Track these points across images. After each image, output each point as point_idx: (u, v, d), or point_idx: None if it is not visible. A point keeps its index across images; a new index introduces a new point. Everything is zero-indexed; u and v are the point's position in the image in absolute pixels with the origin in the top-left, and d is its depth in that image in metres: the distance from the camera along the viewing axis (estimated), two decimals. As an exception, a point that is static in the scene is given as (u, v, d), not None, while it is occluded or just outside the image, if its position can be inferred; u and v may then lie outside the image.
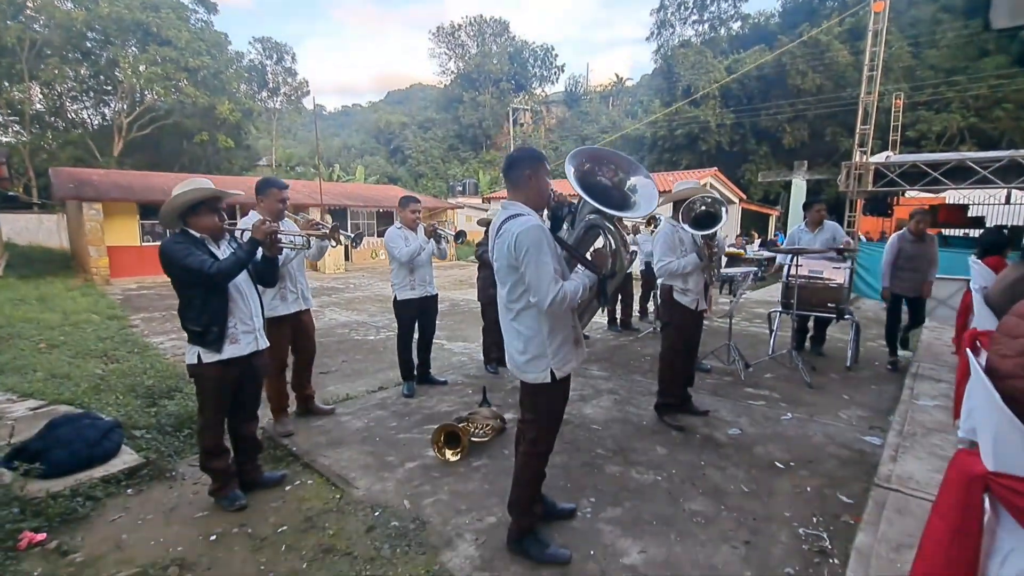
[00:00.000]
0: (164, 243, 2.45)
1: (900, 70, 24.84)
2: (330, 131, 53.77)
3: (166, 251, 2.42)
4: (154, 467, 3.08)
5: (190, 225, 2.55)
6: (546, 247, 1.97)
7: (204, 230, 2.56)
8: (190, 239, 2.51)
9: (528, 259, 1.95)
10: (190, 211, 2.53)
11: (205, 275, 2.40)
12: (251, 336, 2.66)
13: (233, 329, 2.58)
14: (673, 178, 17.12)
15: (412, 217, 4.30)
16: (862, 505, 2.59)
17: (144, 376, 4.91)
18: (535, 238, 1.95)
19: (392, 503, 2.67)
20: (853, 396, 4.34)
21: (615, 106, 47.53)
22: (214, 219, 2.56)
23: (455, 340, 6.68)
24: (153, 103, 25.00)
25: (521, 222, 2.00)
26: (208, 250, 2.53)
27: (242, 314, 2.62)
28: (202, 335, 2.50)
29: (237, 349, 2.59)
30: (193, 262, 2.39)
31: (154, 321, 8.10)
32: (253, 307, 2.70)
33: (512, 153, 2.18)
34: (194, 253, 2.42)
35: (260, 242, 2.61)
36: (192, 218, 2.54)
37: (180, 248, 2.42)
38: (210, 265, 2.41)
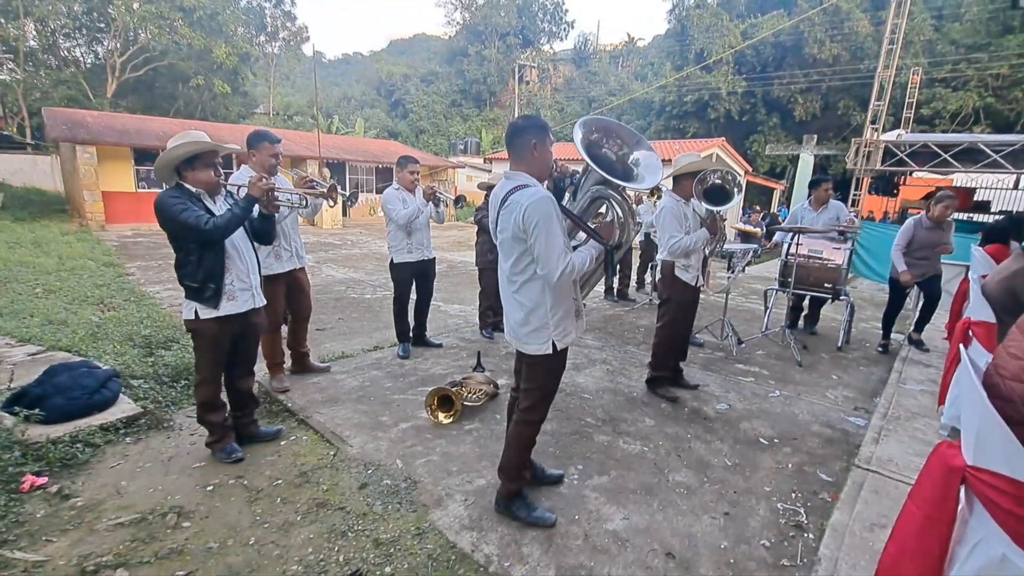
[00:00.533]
0: (159, 197, 2.41)
1: (920, 44, 24.06)
2: (330, 80, 52.23)
3: (161, 205, 2.39)
4: (152, 417, 3.14)
5: (186, 179, 2.50)
6: (555, 219, 1.96)
7: (200, 184, 2.51)
8: (186, 193, 2.47)
9: (538, 231, 1.93)
10: (186, 165, 2.48)
11: (201, 231, 2.37)
12: (248, 294, 2.67)
13: (230, 286, 2.58)
14: (679, 147, 16.83)
15: (410, 178, 4.23)
16: (841, 484, 2.67)
17: (141, 325, 4.94)
18: (546, 211, 1.93)
19: (385, 462, 2.74)
20: (842, 377, 4.41)
21: (625, 67, 46.15)
22: (210, 173, 2.52)
23: (451, 302, 6.71)
24: (147, 43, 24.15)
25: (529, 194, 1.97)
26: (204, 206, 2.50)
27: (239, 271, 2.62)
28: (199, 291, 2.50)
29: (234, 306, 2.60)
30: (189, 217, 2.36)
31: (150, 270, 8.08)
32: (250, 264, 2.69)
33: (516, 121, 2.12)
34: (190, 208, 2.39)
35: (257, 199, 2.58)
36: (188, 172, 2.49)
37: (176, 203, 2.38)
38: (206, 221, 2.38)
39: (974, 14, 24.77)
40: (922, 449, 2.87)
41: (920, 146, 11.87)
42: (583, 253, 2.06)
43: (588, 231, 2.13)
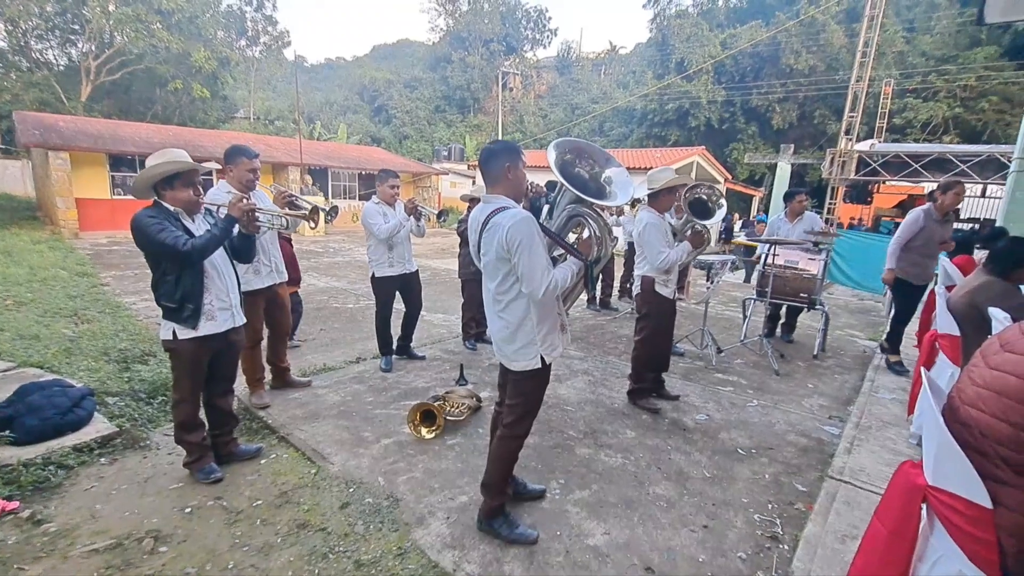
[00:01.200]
0: (136, 216, 2.38)
1: (892, 55, 24.80)
2: (311, 85, 51.80)
3: (138, 225, 2.36)
4: (128, 436, 3.08)
5: (164, 197, 2.48)
6: (537, 238, 2.02)
7: (178, 203, 2.49)
8: (163, 212, 2.44)
9: (521, 251, 1.99)
10: (165, 183, 2.46)
11: (179, 253, 2.35)
12: (228, 313, 2.64)
13: (209, 306, 2.55)
14: (660, 154, 17.07)
15: (391, 192, 4.22)
16: (815, 494, 2.74)
17: (116, 339, 4.85)
18: (527, 230, 2.00)
19: (367, 480, 2.74)
20: (817, 385, 4.51)
21: (607, 75, 46.66)
22: (189, 193, 2.49)
23: (435, 311, 6.70)
24: (123, 46, 23.73)
25: (510, 215, 2.03)
26: (182, 225, 2.47)
27: (218, 290, 2.59)
28: (177, 311, 2.47)
29: (214, 326, 2.58)
30: (167, 238, 2.34)
31: (126, 280, 7.92)
32: (229, 283, 2.67)
33: (489, 146, 2.20)
34: (168, 228, 2.36)
35: (237, 220, 2.55)
36: (167, 191, 2.47)
37: (153, 222, 2.35)
38: (184, 242, 2.36)
39: (943, 27, 25.65)
40: (892, 459, 2.95)
41: (892, 156, 12.24)
42: (564, 269, 2.11)
43: (567, 247, 2.19)
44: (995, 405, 1.26)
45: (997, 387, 1.28)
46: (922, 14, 26.72)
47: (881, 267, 4.83)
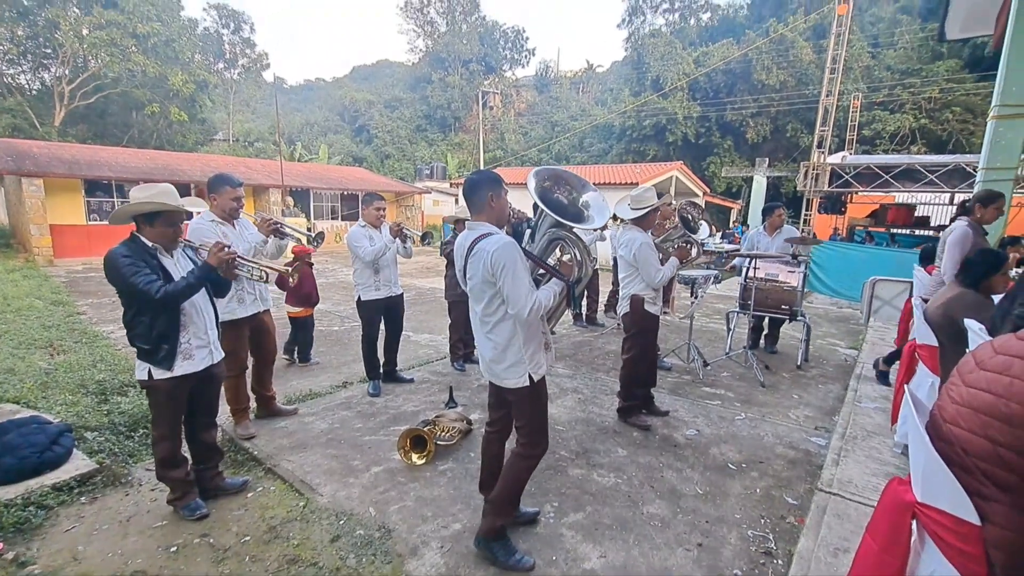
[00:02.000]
0: (111, 254, 2.31)
1: (859, 69, 25.71)
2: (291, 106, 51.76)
3: (112, 263, 2.29)
4: (108, 472, 2.99)
5: (143, 232, 2.42)
6: (520, 262, 2.11)
7: (157, 240, 2.43)
8: (139, 249, 2.37)
9: (505, 274, 2.08)
10: (146, 219, 2.41)
11: (151, 300, 2.28)
12: (206, 350, 2.58)
13: (187, 344, 2.49)
14: (640, 169, 17.34)
15: (376, 215, 4.23)
16: (806, 507, 2.76)
17: (94, 370, 4.73)
18: (511, 254, 2.09)
19: (357, 510, 2.69)
20: (802, 396, 4.58)
21: (585, 93, 47.51)
22: (170, 232, 2.45)
23: (421, 332, 6.67)
24: (98, 70, 23.51)
25: (494, 240, 2.13)
26: (158, 262, 2.40)
27: (197, 328, 2.53)
28: (151, 353, 2.40)
29: (191, 365, 2.51)
30: (139, 282, 2.26)
31: (103, 307, 7.75)
32: (208, 320, 2.60)
33: (471, 176, 2.29)
34: (141, 271, 2.29)
35: (214, 268, 2.48)
36: (147, 226, 2.41)
37: (127, 263, 2.28)
38: (158, 289, 2.28)
39: (906, 42, 26.72)
40: (878, 469, 3.00)
41: (864, 167, 12.62)
42: (547, 290, 2.18)
43: (549, 269, 2.27)
44: (973, 422, 1.30)
45: (974, 404, 1.31)
46: (885, 30, 27.83)
47: (858, 275, 4.96)
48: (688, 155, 27.11)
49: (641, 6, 39.21)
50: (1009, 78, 4.95)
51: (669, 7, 38.98)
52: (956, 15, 6.22)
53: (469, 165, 36.86)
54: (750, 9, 35.96)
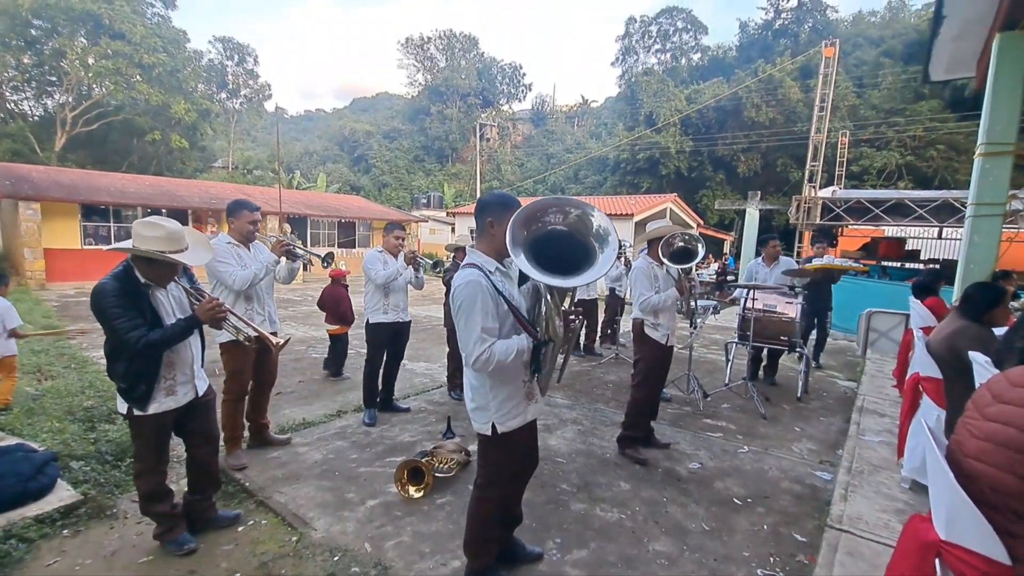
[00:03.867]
0: (98, 287, 2.21)
1: (845, 108, 26.50)
2: (291, 135, 52.55)
3: (97, 300, 2.19)
4: (93, 504, 2.87)
5: (138, 267, 2.31)
6: (478, 305, 1.88)
7: (149, 278, 2.33)
8: (129, 286, 2.26)
9: (459, 315, 1.91)
10: (143, 260, 2.30)
11: (131, 348, 2.19)
12: (189, 385, 2.48)
13: (171, 381, 2.39)
14: (635, 201, 17.58)
15: (395, 243, 4.33)
16: (816, 544, 2.68)
17: (82, 396, 4.62)
18: (468, 294, 1.89)
19: (352, 546, 2.58)
20: (804, 428, 4.52)
21: (580, 126, 48.60)
22: (168, 275, 2.36)
23: (417, 360, 6.59)
24: (102, 98, 23.82)
25: (463, 275, 1.95)
26: (147, 300, 2.30)
27: (183, 364, 2.44)
28: (128, 391, 2.31)
29: (173, 401, 2.42)
30: (121, 327, 2.17)
31: (94, 333, 7.60)
32: (195, 353, 2.51)
33: (482, 197, 2.10)
34: (127, 314, 2.19)
35: (202, 321, 2.38)
36: (142, 266, 2.31)
37: (112, 303, 2.18)
38: (137, 339, 2.18)
39: (890, 83, 27.66)
40: (888, 505, 2.93)
41: (854, 202, 12.85)
42: (509, 342, 1.91)
43: (521, 321, 1.98)
44: (999, 458, 1.27)
45: (998, 439, 1.28)
46: (869, 71, 28.85)
47: (853, 307, 5.01)
48: (681, 188, 27.57)
49: (634, 46, 40.56)
50: (993, 117, 5.09)
51: (661, 47, 40.34)
52: (939, 58, 6.44)
53: (466, 195, 37.29)
54: (738, 51, 37.27)
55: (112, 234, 14.24)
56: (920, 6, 32.08)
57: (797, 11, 35.02)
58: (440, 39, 48.43)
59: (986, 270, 5.05)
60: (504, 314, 1.96)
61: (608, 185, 32.61)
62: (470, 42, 48.76)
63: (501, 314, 1.95)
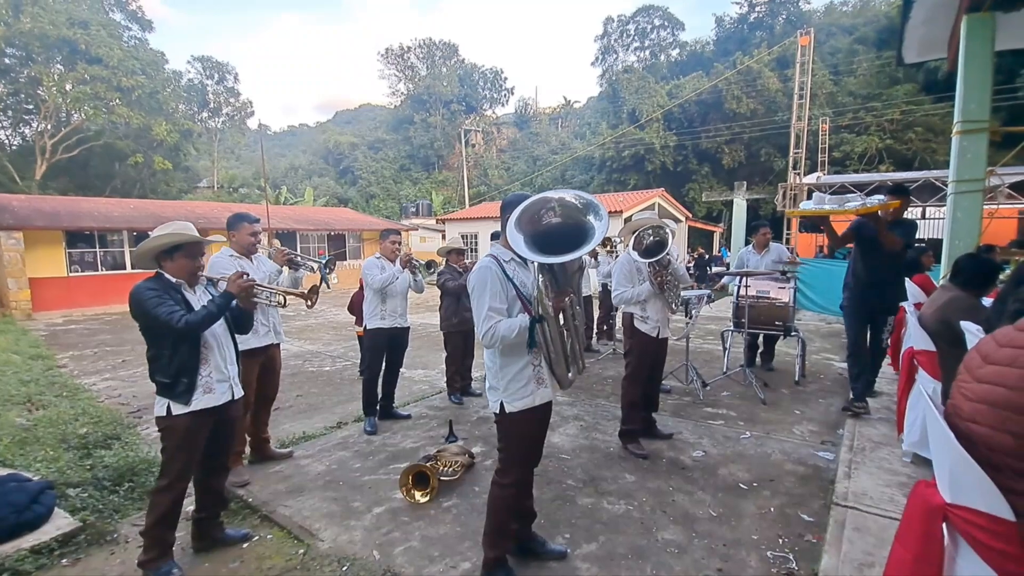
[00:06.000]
0: (135, 288, 2.34)
1: (824, 96, 26.81)
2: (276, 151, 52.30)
3: (136, 297, 2.31)
4: (92, 531, 2.82)
5: (166, 268, 2.45)
6: (488, 286, 2.09)
7: (180, 275, 2.46)
8: (163, 284, 2.40)
9: (473, 296, 2.14)
10: (166, 254, 2.43)
11: (173, 329, 2.29)
12: (226, 384, 2.54)
13: (208, 378, 2.46)
14: (623, 198, 17.65)
15: (391, 248, 4.35)
16: (823, 523, 2.70)
17: (76, 423, 4.54)
18: (480, 278, 2.13)
19: (360, 554, 2.56)
20: (804, 411, 4.55)
21: (564, 127, 48.81)
22: (190, 264, 2.48)
23: (415, 367, 6.56)
24: (82, 124, 23.60)
25: (479, 263, 2.19)
26: (182, 296, 2.43)
27: (217, 363, 2.50)
28: (170, 387, 2.37)
29: (212, 399, 2.46)
30: (162, 312, 2.28)
31: (84, 359, 7.52)
32: (228, 355, 2.58)
33: (506, 198, 2.25)
34: (165, 302, 2.31)
35: (235, 296, 2.51)
36: (168, 262, 2.44)
37: (151, 295, 2.30)
38: (179, 318, 2.29)
39: (865, 69, 28.05)
40: (891, 479, 2.95)
41: (839, 186, 13.00)
42: (511, 321, 2.08)
43: (522, 300, 2.14)
44: (992, 417, 1.28)
45: (989, 399, 1.30)
46: (844, 59, 29.23)
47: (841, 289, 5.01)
48: (668, 182, 27.74)
49: (613, 45, 40.85)
50: (966, 96, 5.17)
51: (640, 45, 40.65)
52: (911, 41, 6.55)
53: (454, 202, 37.29)
54: (716, 45, 37.66)
55: (98, 260, 14.07)
56: (890, -8, 32.62)
57: (771, 3, 35.48)
58: (420, 48, 48.50)
59: (970, 245, 5.11)
60: (513, 298, 2.14)
61: (595, 184, 32.75)
62: (450, 49, 48.88)
63: (510, 298, 2.14)
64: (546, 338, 2.09)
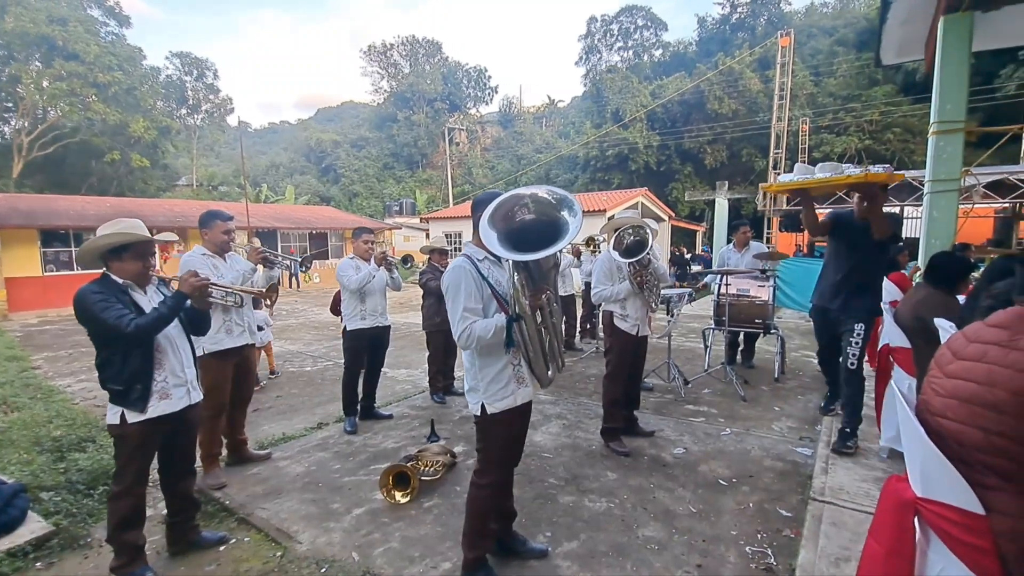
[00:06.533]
0: (80, 291, 2.20)
1: (804, 97, 27.22)
2: (256, 149, 51.58)
3: (81, 301, 2.18)
4: (66, 535, 2.75)
5: (112, 269, 2.31)
6: (462, 287, 2.06)
7: (127, 276, 2.32)
8: (110, 286, 2.27)
9: (447, 297, 2.11)
10: (113, 254, 2.30)
11: (122, 334, 2.16)
12: (183, 389, 2.43)
13: (163, 383, 2.34)
14: (607, 197, 17.73)
15: (364, 247, 4.27)
16: (801, 518, 2.73)
17: (50, 426, 4.42)
18: (453, 278, 2.10)
19: (339, 556, 2.53)
20: (783, 407, 4.61)
21: (548, 126, 48.84)
22: (139, 265, 2.34)
23: (398, 367, 6.51)
24: (57, 120, 23.03)
25: (453, 263, 2.15)
26: (130, 299, 2.29)
27: (172, 366, 2.39)
28: (124, 394, 2.25)
29: (168, 405, 2.35)
30: (109, 317, 2.15)
31: (59, 361, 7.34)
32: (185, 358, 2.47)
33: (477, 195, 2.24)
34: (112, 306, 2.18)
35: (188, 296, 2.38)
36: (115, 262, 2.31)
37: (97, 299, 2.17)
38: (128, 322, 2.16)
39: (844, 70, 28.54)
40: (867, 475, 3.00)
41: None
42: (488, 321, 2.05)
43: (499, 299, 2.12)
44: (962, 412, 1.30)
45: (959, 394, 1.32)
46: (824, 60, 29.71)
47: None
48: (651, 182, 27.93)
49: (597, 45, 40.96)
50: (943, 96, 5.28)
51: (623, 45, 40.82)
52: (890, 43, 6.67)
53: (438, 200, 37.12)
54: (698, 46, 37.98)
55: (74, 259, 13.75)
56: (869, -5, 33.24)
57: (752, 4, 35.86)
58: (403, 45, 48.17)
59: (946, 243, 5.22)
60: (488, 297, 2.11)
61: (580, 183, 32.85)
62: (433, 47, 48.63)
63: (485, 297, 2.11)
64: (524, 337, 2.06)
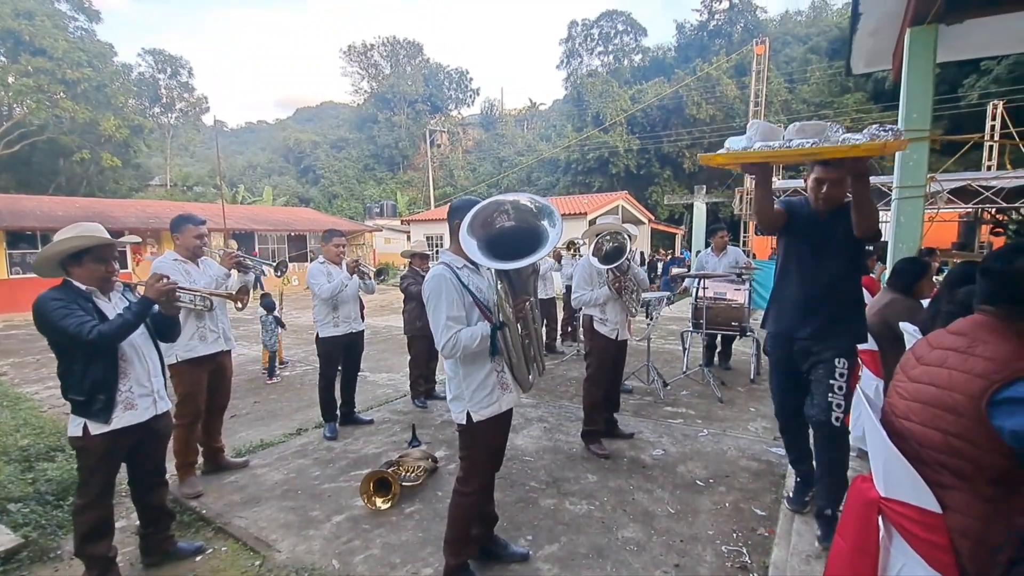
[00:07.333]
0: (39, 298, 2.11)
1: (779, 103, 27.90)
2: (233, 149, 50.66)
3: (40, 309, 2.08)
4: (35, 547, 2.69)
5: (73, 275, 2.23)
6: (443, 295, 2.04)
7: (89, 282, 2.24)
8: (71, 293, 2.17)
9: (429, 306, 2.08)
10: (72, 259, 2.21)
11: (83, 342, 2.08)
12: (149, 399, 2.35)
13: (128, 393, 2.26)
14: (588, 200, 17.88)
15: (335, 251, 4.19)
16: (774, 516, 2.81)
17: (17, 435, 4.29)
18: (434, 287, 2.07)
19: (319, 564, 2.51)
20: (758, 408, 4.72)
21: (529, 129, 49.06)
22: (101, 269, 2.24)
23: (379, 371, 6.48)
24: (24, 118, 22.29)
25: (432, 272, 2.12)
26: (93, 305, 2.20)
27: (138, 375, 2.31)
28: (86, 404, 2.17)
29: (134, 416, 2.28)
30: (70, 325, 2.06)
31: (26, 367, 7.10)
32: (152, 366, 2.39)
33: (453, 201, 2.22)
34: (73, 313, 2.09)
35: (154, 301, 2.29)
36: (75, 267, 2.22)
37: (56, 306, 2.08)
38: (90, 329, 2.07)
39: (817, 78, 29.32)
40: (837, 473, 3.09)
41: (791, 191, 13.52)
42: (472, 329, 2.04)
43: (481, 308, 2.12)
44: (924, 415, 1.37)
45: (921, 398, 1.39)
46: (798, 68, 30.51)
47: None
48: (631, 185, 28.29)
49: (578, 49, 41.34)
50: (909, 105, 5.47)
51: (604, 50, 41.27)
52: (859, 53, 6.89)
53: (420, 202, 36.95)
54: (677, 51, 38.63)
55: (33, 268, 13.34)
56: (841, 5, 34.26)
57: (729, 12, 36.63)
58: (384, 46, 47.86)
59: (912, 248, 5.41)
60: (470, 305, 2.10)
61: (561, 186, 33.08)
62: (414, 48, 48.42)
63: (467, 305, 2.09)
64: (508, 344, 2.08)
